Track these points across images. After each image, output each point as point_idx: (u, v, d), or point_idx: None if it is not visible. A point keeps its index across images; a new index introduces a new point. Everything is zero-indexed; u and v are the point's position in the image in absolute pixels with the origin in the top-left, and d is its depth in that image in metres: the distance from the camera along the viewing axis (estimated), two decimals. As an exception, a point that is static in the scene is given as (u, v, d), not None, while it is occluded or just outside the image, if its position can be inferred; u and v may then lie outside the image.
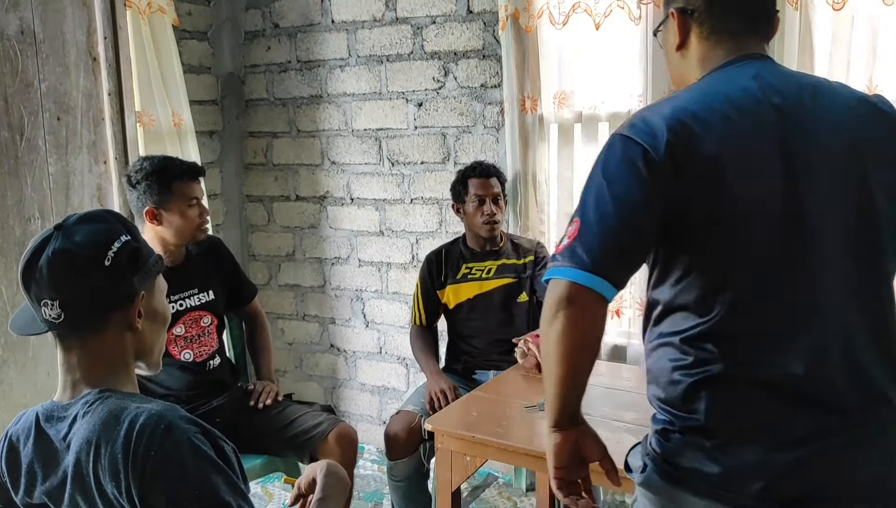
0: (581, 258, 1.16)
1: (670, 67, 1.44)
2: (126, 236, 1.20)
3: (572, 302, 1.16)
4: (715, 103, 1.21)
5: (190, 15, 3.43)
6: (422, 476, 2.59)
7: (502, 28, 2.89)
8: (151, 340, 1.27)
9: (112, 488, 1.09)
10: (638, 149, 1.18)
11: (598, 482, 2.01)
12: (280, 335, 3.82)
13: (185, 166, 2.39)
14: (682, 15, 1.35)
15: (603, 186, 1.19)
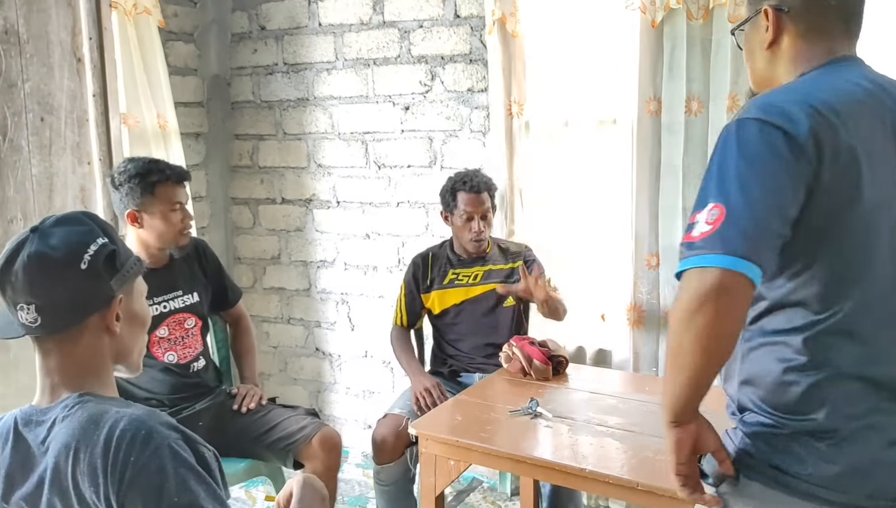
0: (733, 243, 1.09)
1: (754, 66, 1.40)
2: (103, 238, 1.19)
3: (725, 291, 1.09)
4: (843, 96, 1.19)
5: (176, 16, 3.42)
6: (408, 480, 2.59)
7: (489, 33, 2.90)
8: (131, 343, 1.26)
9: (91, 494, 1.08)
10: (777, 132, 1.13)
11: (582, 487, 2.03)
12: (265, 339, 3.80)
13: (169, 170, 2.37)
14: (778, 12, 1.31)
15: (744, 169, 1.13)
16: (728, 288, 1.09)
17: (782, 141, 1.13)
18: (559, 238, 3.03)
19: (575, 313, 3.01)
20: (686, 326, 1.12)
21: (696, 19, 2.58)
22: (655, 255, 2.80)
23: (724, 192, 1.13)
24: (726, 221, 1.10)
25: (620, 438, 1.93)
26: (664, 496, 1.66)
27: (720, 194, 1.13)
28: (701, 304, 1.10)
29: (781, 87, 1.27)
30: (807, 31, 1.30)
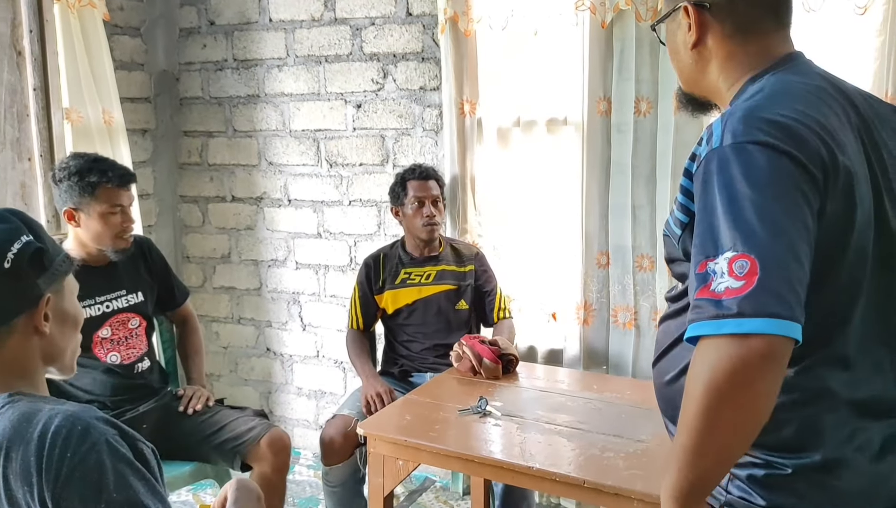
0: (778, 304, 0.94)
1: (680, 66, 1.32)
2: (27, 236, 1.14)
3: (774, 360, 0.95)
4: (825, 109, 1.09)
5: (122, 10, 3.34)
6: (357, 481, 2.57)
7: (441, 31, 2.89)
8: (62, 343, 1.22)
9: (24, 494, 1.04)
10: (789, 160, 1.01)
11: (530, 486, 2.03)
12: (215, 339, 3.74)
13: (112, 172, 2.29)
14: (699, 9, 1.22)
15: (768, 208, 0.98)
16: (777, 356, 0.95)
17: (796, 170, 1.01)
18: (511, 237, 3.04)
19: (526, 312, 3.03)
20: (724, 402, 0.96)
21: (645, 20, 2.61)
22: (605, 254, 2.82)
23: (751, 239, 0.97)
24: (764, 275, 0.95)
25: (568, 436, 1.94)
26: (610, 493, 1.67)
27: (746, 241, 0.97)
28: (746, 376, 0.94)
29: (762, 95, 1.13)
30: (735, 29, 1.21)
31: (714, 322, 0.96)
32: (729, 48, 1.22)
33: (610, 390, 2.27)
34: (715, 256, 0.99)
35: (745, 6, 1.21)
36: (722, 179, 1.02)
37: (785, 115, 1.04)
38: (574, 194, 2.83)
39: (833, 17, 2.41)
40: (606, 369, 2.87)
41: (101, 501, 1.03)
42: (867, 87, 2.41)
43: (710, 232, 1.02)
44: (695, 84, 1.31)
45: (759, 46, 1.21)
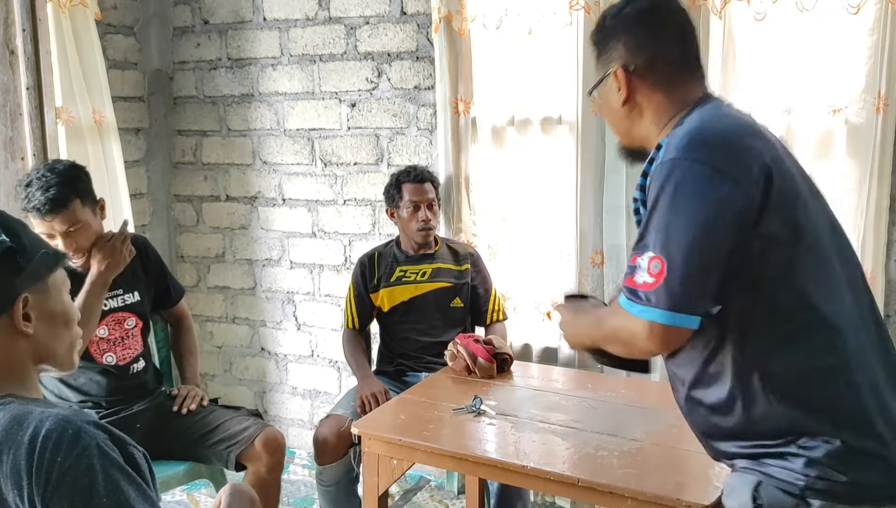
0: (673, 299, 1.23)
1: (615, 122, 1.52)
2: (3, 237, 1.12)
3: (662, 340, 1.29)
4: (744, 129, 1.33)
5: (115, 9, 3.33)
6: (351, 480, 2.56)
7: (435, 30, 2.89)
8: (52, 343, 1.20)
9: (14, 497, 1.04)
10: (728, 180, 1.23)
11: (524, 484, 2.03)
12: (209, 339, 3.73)
13: (33, 200, 2.15)
14: (626, 72, 1.42)
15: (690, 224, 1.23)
16: (663, 339, 1.26)
17: (733, 189, 1.23)
18: (505, 236, 3.03)
19: (521, 311, 3.03)
20: (612, 344, 1.40)
21: (639, 20, 2.61)
22: (600, 253, 2.82)
23: (666, 244, 1.24)
24: (669, 277, 1.22)
25: (563, 435, 1.94)
26: (604, 491, 1.67)
27: (663, 245, 1.24)
28: (632, 341, 1.31)
29: (694, 125, 1.32)
30: (657, 83, 1.42)
31: (629, 302, 1.27)
32: (655, 100, 1.43)
33: (604, 389, 2.27)
34: (641, 253, 1.27)
35: (662, 64, 1.42)
36: (661, 188, 1.26)
37: (716, 136, 1.29)
38: (568, 193, 2.83)
39: (826, 16, 2.42)
40: (601, 368, 2.87)
41: (91, 506, 1.03)
42: (859, 86, 2.42)
43: (643, 232, 1.28)
44: (629, 136, 1.51)
45: (680, 93, 1.42)
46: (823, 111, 2.48)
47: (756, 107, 2.55)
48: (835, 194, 2.51)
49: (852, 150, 2.47)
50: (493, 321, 2.87)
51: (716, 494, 1.57)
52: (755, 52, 2.54)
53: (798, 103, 2.51)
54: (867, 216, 2.46)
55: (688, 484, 1.66)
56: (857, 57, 2.41)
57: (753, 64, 2.55)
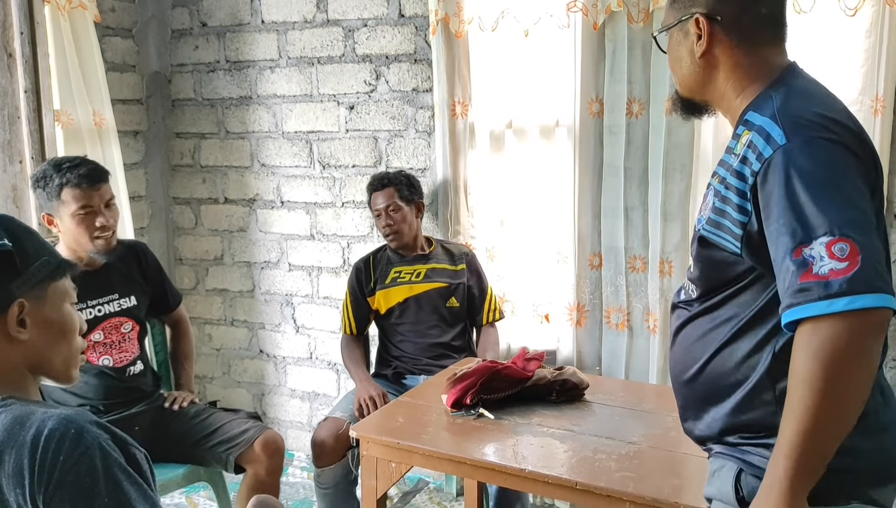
0: (881, 280, 1.07)
1: (683, 73, 1.40)
2: (2, 239, 1.12)
3: (884, 330, 1.08)
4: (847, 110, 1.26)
5: (113, 11, 3.33)
6: (349, 482, 2.57)
7: (433, 33, 2.89)
8: (48, 352, 1.18)
9: (16, 496, 1.04)
10: (849, 151, 1.15)
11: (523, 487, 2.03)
12: (207, 341, 3.73)
13: (76, 172, 2.22)
14: (711, 21, 1.32)
15: (851, 194, 1.12)
16: (884, 327, 1.08)
17: (856, 162, 1.15)
18: (504, 239, 3.03)
19: (519, 313, 3.03)
20: (844, 376, 1.06)
21: (637, 22, 2.61)
22: (598, 255, 2.82)
23: (846, 223, 1.08)
24: (865, 255, 1.06)
25: (561, 438, 1.94)
26: (602, 494, 1.67)
27: (842, 226, 1.08)
28: (863, 348, 1.06)
29: (800, 98, 1.25)
30: (741, 40, 1.32)
31: (823, 302, 1.05)
32: (735, 58, 1.33)
33: (603, 391, 2.27)
34: (809, 242, 1.09)
35: (750, 21, 1.32)
36: (799, 172, 1.12)
37: (831, 114, 1.19)
38: (566, 196, 2.83)
39: (824, 18, 2.42)
40: (599, 370, 2.88)
41: (93, 506, 1.03)
42: (856, 88, 2.42)
43: (798, 220, 1.11)
44: (697, 90, 1.40)
45: (761, 58, 1.33)
46: (821, 113, 2.48)
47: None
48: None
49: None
50: (489, 321, 2.88)
51: (713, 497, 1.57)
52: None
53: (796, 105, 2.50)
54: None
55: (685, 487, 1.66)
56: (854, 59, 2.41)
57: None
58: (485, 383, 2.11)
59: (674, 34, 1.40)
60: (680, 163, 2.64)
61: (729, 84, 1.34)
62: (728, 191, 1.25)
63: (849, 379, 1.06)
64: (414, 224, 2.83)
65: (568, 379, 2.19)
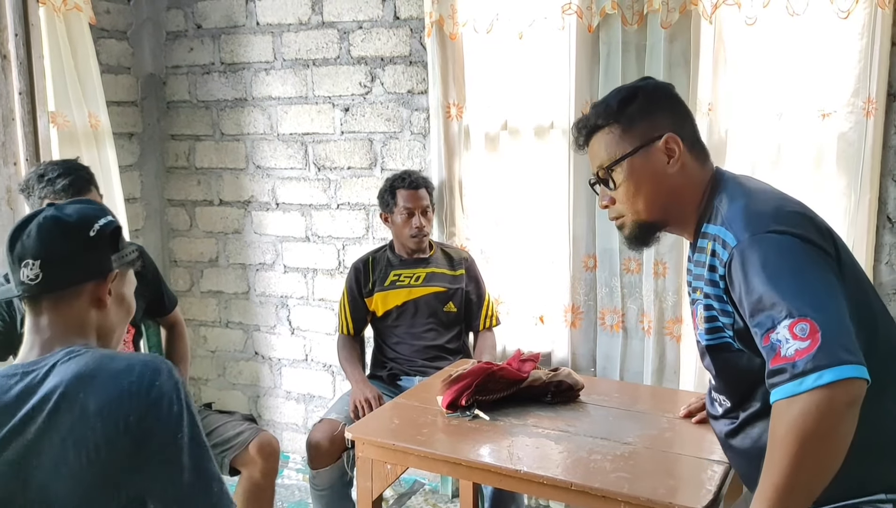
0: (844, 352, 1.13)
1: (649, 195, 1.47)
2: (112, 218, 1.31)
3: (856, 401, 1.13)
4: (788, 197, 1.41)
5: (108, 13, 3.33)
6: (344, 484, 2.57)
7: (428, 35, 2.89)
8: (115, 323, 1.33)
9: (103, 425, 1.11)
10: (806, 242, 1.25)
11: (518, 488, 2.04)
12: (202, 343, 3.73)
13: (56, 184, 2.17)
14: (681, 140, 1.45)
15: (806, 278, 1.20)
16: (856, 398, 1.12)
17: (806, 245, 1.24)
18: (499, 241, 3.04)
19: (514, 315, 3.04)
20: (814, 448, 1.12)
21: (631, 25, 2.62)
22: (592, 256, 2.83)
23: (803, 304, 1.16)
24: (825, 331, 1.13)
25: (556, 439, 1.94)
26: (597, 495, 1.68)
27: (799, 307, 1.16)
28: (832, 421, 1.11)
29: (743, 200, 1.36)
30: (696, 156, 1.47)
31: (793, 383, 1.13)
32: (693, 173, 1.46)
33: (597, 392, 2.28)
34: (774, 327, 1.17)
35: (697, 137, 1.49)
36: (752, 266, 1.23)
37: (767, 207, 1.31)
38: (561, 197, 2.84)
39: (816, 20, 2.43)
40: (594, 371, 2.88)
41: (179, 430, 1.16)
42: (849, 90, 2.43)
43: (762, 310, 1.20)
44: (663, 211, 1.49)
45: (704, 171, 1.47)
46: (814, 115, 2.49)
47: (747, 111, 2.58)
48: (825, 196, 2.53)
49: (842, 153, 2.48)
50: (486, 326, 2.88)
51: (708, 498, 1.58)
52: (746, 56, 2.55)
53: (788, 107, 2.52)
54: (857, 218, 2.48)
55: (680, 488, 1.67)
56: (846, 61, 2.42)
57: (744, 68, 2.56)
58: (480, 384, 2.11)
59: (634, 162, 1.47)
60: (674, 165, 2.65)
61: (689, 200, 1.45)
62: (709, 300, 1.37)
63: (822, 448, 1.13)
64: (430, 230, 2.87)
65: (563, 380, 2.19)
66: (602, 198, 1.57)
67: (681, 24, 2.56)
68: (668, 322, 2.74)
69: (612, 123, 1.48)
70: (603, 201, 1.56)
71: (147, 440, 1.14)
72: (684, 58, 2.58)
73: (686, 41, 2.58)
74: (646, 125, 1.46)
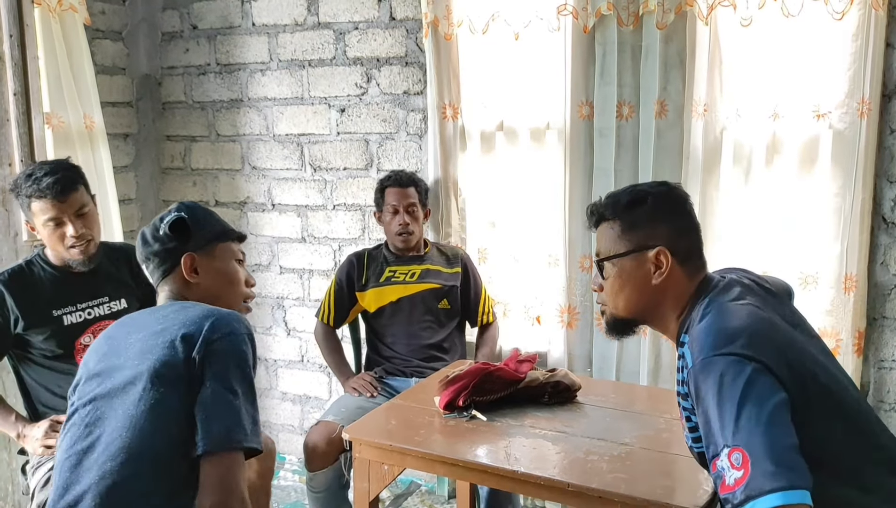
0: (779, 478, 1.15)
1: (629, 296, 1.52)
2: (177, 213, 1.65)
3: None
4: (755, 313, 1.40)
5: (104, 14, 3.32)
6: (341, 486, 2.57)
7: (425, 35, 2.89)
8: (216, 291, 1.67)
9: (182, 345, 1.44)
10: (762, 369, 1.26)
11: (515, 489, 2.04)
12: (198, 344, 3.71)
13: (43, 183, 2.15)
14: (672, 256, 1.48)
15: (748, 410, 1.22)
16: None
17: (755, 366, 1.25)
18: (495, 241, 3.04)
19: (511, 315, 3.04)
20: None
21: (627, 26, 2.63)
22: (588, 257, 2.83)
23: (736, 433, 1.20)
24: (753, 460, 1.16)
25: (553, 439, 1.94)
26: (594, 496, 1.68)
27: (734, 436, 1.20)
28: None
29: (710, 318, 1.38)
30: (686, 272, 1.49)
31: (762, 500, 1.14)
32: (681, 287, 1.49)
33: (594, 393, 2.28)
34: (718, 455, 1.22)
35: (695, 253, 1.52)
36: (703, 392, 1.27)
37: (727, 326, 1.33)
38: (557, 198, 2.84)
39: (811, 22, 2.44)
40: (590, 372, 2.89)
41: (236, 369, 1.44)
42: (843, 91, 2.44)
43: (709, 435, 1.25)
44: (640, 313, 1.55)
45: (696, 280, 1.50)
46: (808, 116, 2.50)
47: (742, 112, 2.58)
48: (820, 197, 2.54)
49: (837, 154, 2.49)
50: (483, 323, 2.89)
51: (704, 498, 1.58)
52: (741, 57, 2.56)
53: (784, 108, 2.53)
54: (851, 219, 2.48)
55: (677, 488, 1.67)
56: (841, 62, 2.43)
57: (740, 69, 2.57)
58: (477, 385, 2.12)
59: (625, 262, 1.51)
60: (669, 165, 2.65)
61: (669, 308, 1.50)
62: (686, 411, 1.44)
63: None
64: (422, 229, 2.87)
65: (560, 381, 2.19)
66: (592, 282, 1.65)
67: (676, 25, 2.57)
68: (664, 323, 2.74)
69: (616, 219, 1.54)
70: (593, 285, 1.64)
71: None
72: (680, 58, 2.59)
73: (681, 42, 2.58)
74: (644, 233, 1.50)
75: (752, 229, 2.61)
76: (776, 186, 2.57)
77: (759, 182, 2.58)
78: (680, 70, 2.59)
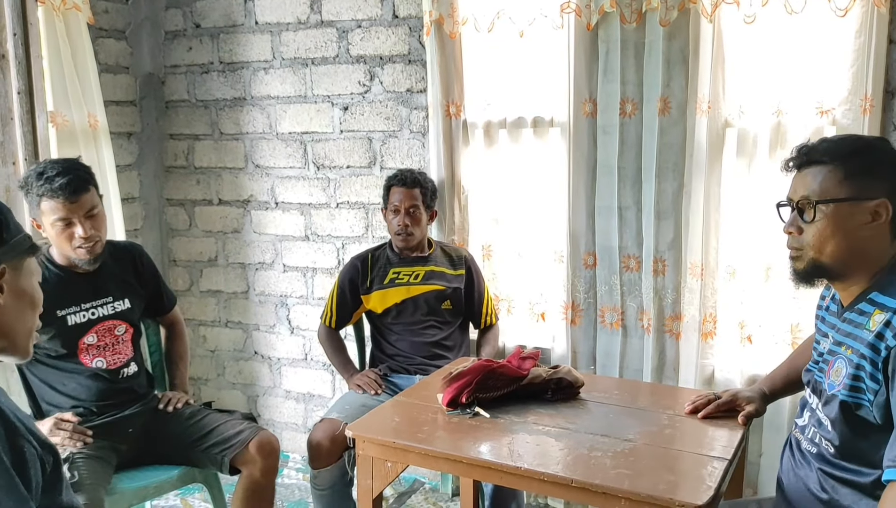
0: None
1: (839, 243, 1.53)
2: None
3: None
4: None
5: (107, 13, 3.33)
6: (345, 484, 2.57)
7: (427, 34, 2.90)
8: (16, 319, 1.24)
9: None
10: None
11: (519, 486, 2.04)
12: (202, 343, 3.73)
13: (54, 183, 2.16)
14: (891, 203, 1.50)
15: None
16: None
17: None
18: (498, 238, 3.04)
19: (515, 312, 3.04)
20: None
21: (630, 23, 2.63)
22: (592, 254, 2.83)
23: None
24: None
25: (556, 436, 1.94)
26: (598, 492, 1.68)
27: None
28: None
29: None
30: (893, 219, 1.51)
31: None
32: (885, 241, 1.51)
33: (597, 390, 2.28)
34: None
35: None
36: None
37: None
38: (560, 195, 2.84)
39: (814, 19, 2.43)
40: (594, 368, 2.89)
41: None
42: (846, 88, 2.43)
43: None
44: (842, 262, 1.55)
45: None
46: (812, 113, 2.50)
47: (746, 109, 2.58)
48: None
49: (841, 151, 2.48)
50: (486, 324, 2.89)
51: (708, 494, 1.58)
52: (745, 54, 2.55)
53: (787, 105, 2.52)
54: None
55: (681, 484, 1.67)
56: (844, 59, 2.43)
57: (743, 66, 2.57)
58: (480, 381, 2.12)
59: (842, 208, 1.52)
60: (673, 162, 2.65)
61: (869, 264, 1.52)
62: (863, 361, 1.45)
63: None
64: (425, 230, 2.86)
65: (563, 378, 2.19)
66: (789, 225, 1.62)
67: (679, 22, 2.57)
68: (668, 320, 2.74)
69: (837, 164, 1.54)
70: (789, 227, 1.61)
71: None
72: (683, 56, 2.59)
73: (685, 39, 2.58)
74: (866, 182, 1.51)
75: (756, 226, 2.61)
76: (779, 183, 2.56)
77: (762, 179, 2.58)
78: (683, 67, 2.59)
